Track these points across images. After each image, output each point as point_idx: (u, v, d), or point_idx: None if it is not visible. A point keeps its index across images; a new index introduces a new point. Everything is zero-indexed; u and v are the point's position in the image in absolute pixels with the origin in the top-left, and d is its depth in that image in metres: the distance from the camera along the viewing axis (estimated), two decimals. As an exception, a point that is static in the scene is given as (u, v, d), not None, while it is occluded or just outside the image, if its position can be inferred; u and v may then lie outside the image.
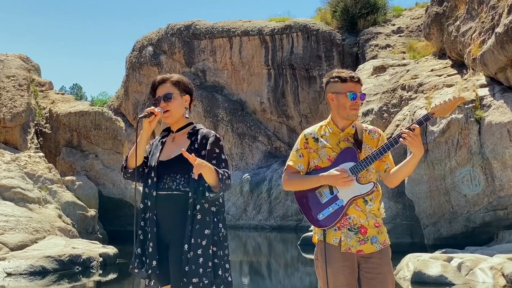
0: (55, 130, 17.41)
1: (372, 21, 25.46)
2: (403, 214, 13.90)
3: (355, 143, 3.42)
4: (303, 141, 3.49)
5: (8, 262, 9.94)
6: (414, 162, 3.38)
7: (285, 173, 3.51)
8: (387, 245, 3.42)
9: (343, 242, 3.34)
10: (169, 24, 30.41)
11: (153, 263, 3.26)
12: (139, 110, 30.59)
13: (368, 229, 3.36)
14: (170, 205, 3.25)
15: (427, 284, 8.87)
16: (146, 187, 3.36)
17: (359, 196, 3.35)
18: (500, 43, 11.43)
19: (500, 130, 11.22)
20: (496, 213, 11.49)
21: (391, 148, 3.35)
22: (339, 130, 3.46)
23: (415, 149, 3.31)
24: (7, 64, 17.55)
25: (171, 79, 3.39)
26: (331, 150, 3.42)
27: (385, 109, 15.64)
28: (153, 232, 3.28)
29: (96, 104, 39.82)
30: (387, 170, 3.48)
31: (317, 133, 3.48)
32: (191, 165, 3.13)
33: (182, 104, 3.39)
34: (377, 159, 3.36)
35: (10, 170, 13.59)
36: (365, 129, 3.50)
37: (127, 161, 3.38)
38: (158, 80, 3.40)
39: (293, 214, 23.67)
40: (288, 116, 26.91)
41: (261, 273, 12.60)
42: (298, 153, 3.49)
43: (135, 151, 3.33)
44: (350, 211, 3.36)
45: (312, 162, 3.46)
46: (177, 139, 3.40)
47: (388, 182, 3.51)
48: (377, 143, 3.46)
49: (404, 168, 3.42)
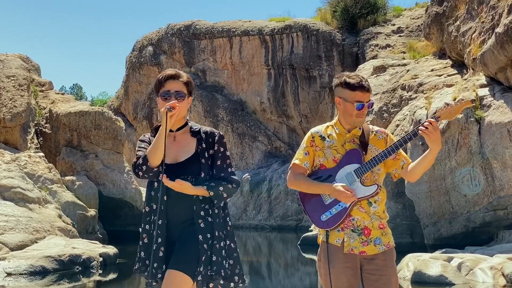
0: (55, 130, 17.41)
1: (372, 21, 25.45)
2: (403, 214, 13.91)
3: (360, 145, 3.40)
4: (310, 139, 3.47)
5: (8, 262, 9.94)
6: (432, 157, 3.36)
7: (291, 171, 3.49)
8: (391, 247, 3.40)
9: (346, 243, 3.32)
10: (169, 24, 30.42)
11: (163, 267, 3.20)
12: (139, 110, 30.62)
13: (372, 230, 3.35)
14: (182, 208, 3.22)
15: (427, 284, 8.87)
16: (153, 191, 3.30)
17: (362, 198, 3.33)
18: (500, 43, 11.43)
19: (500, 130, 11.22)
20: (496, 213, 11.49)
21: (400, 148, 3.32)
22: (345, 131, 3.44)
23: (433, 143, 3.28)
24: (7, 64, 17.55)
25: (182, 78, 3.34)
26: (336, 151, 3.41)
27: (385, 109, 15.65)
28: (164, 236, 3.23)
29: (96, 104, 39.83)
30: (404, 166, 3.45)
31: (324, 132, 3.47)
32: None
33: (187, 106, 3.36)
34: (382, 161, 3.34)
35: (10, 170, 13.59)
36: (372, 130, 3.48)
37: (148, 160, 3.19)
38: (171, 74, 3.33)
39: (293, 214, 23.66)
40: (288, 116, 26.91)
41: (261, 273, 12.60)
42: (304, 151, 3.47)
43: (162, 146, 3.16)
44: (354, 213, 3.34)
45: (318, 160, 3.44)
46: (179, 138, 3.34)
47: (407, 177, 3.49)
48: (385, 144, 3.44)
49: (422, 164, 3.40)
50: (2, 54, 18.29)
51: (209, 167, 3.29)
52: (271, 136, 27.26)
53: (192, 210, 3.24)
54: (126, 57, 32.26)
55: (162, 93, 3.29)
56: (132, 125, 30.72)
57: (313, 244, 3.63)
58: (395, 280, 3.37)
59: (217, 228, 3.25)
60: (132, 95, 31.18)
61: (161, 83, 3.32)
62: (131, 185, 17.36)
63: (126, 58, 32.10)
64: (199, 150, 3.29)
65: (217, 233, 3.24)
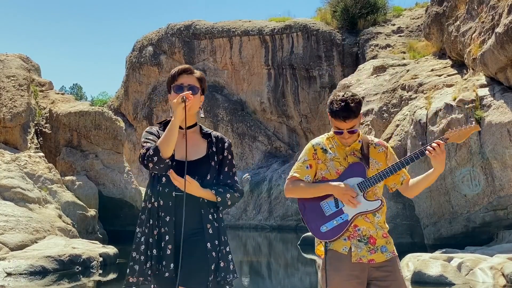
0: (55, 130, 17.41)
1: (372, 21, 25.46)
2: (403, 214, 13.90)
3: (363, 158, 3.38)
4: (312, 151, 3.42)
5: (8, 262, 9.94)
6: (434, 177, 3.39)
7: (289, 181, 3.44)
8: (396, 255, 3.39)
9: (353, 253, 3.29)
10: (169, 24, 30.44)
11: (170, 266, 3.10)
12: (139, 110, 30.62)
13: (377, 239, 3.34)
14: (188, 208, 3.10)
15: (427, 284, 8.87)
16: (160, 186, 3.17)
17: (365, 213, 3.32)
18: (500, 43, 11.43)
19: (500, 130, 11.22)
20: (496, 213, 11.49)
21: (406, 165, 3.32)
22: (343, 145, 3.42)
23: (438, 164, 3.32)
24: (7, 64, 17.55)
25: (196, 74, 3.28)
26: (339, 164, 3.37)
27: (385, 109, 15.65)
28: (171, 233, 3.13)
29: (96, 104, 39.85)
30: (403, 182, 3.46)
31: (325, 144, 3.43)
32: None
33: (199, 102, 3.26)
34: (386, 177, 3.33)
35: (10, 170, 13.59)
36: (371, 142, 3.45)
37: (159, 151, 3.04)
38: (185, 68, 3.26)
39: (293, 214, 23.67)
40: (288, 116, 26.91)
41: (261, 273, 12.60)
42: (305, 164, 3.41)
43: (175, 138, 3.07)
44: (360, 223, 3.32)
45: (320, 173, 3.40)
46: (190, 137, 3.22)
47: (406, 194, 3.52)
48: (385, 157, 3.43)
49: (423, 182, 3.43)
50: (2, 54, 18.30)
51: (217, 171, 3.24)
52: (271, 136, 27.26)
53: (200, 214, 3.17)
54: (126, 57, 32.29)
55: (175, 87, 3.20)
56: (132, 125, 30.73)
57: (313, 244, 3.61)
58: (405, 286, 3.37)
59: (223, 233, 3.22)
60: (132, 95, 31.18)
61: (174, 77, 3.24)
62: (131, 185, 17.37)
63: (126, 58, 32.11)
64: (210, 152, 3.23)
65: (222, 238, 3.21)
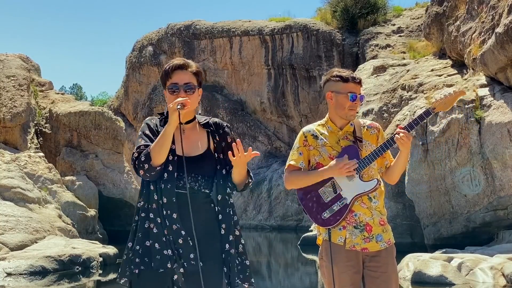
0: (55, 130, 17.41)
1: (372, 21, 25.45)
2: (403, 214, 13.89)
3: (355, 141, 3.42)
4: (302, 138, 3.47)
5: (8, 262, 9.94)
6: (404, 157, 3.43)
7: (286, 172, 3.48)
8: (391, 244, 3.42)
9: (347, 240, 3.33)
10: (169, 24, 30.41)
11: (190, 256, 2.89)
12: (139, 110, 30.61)
13: (373, 227, 3.36)
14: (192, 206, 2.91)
15: (427, 284, 8.87)
16: (163, 182, 2.95)
17: (363, 194, 3.35)
18: (500, 43, 11.43)
19: (500, 130, 11.22)
20: (496, 213, 11.49)
21: (394, 144, 3.35)
22: (337, 129, 3.45)
23: (404, 147, 3.36)
24: (7, 64, 17.56)
25: (191, 68, 3.05)
26: (331, 149, 3.41)
27: (385, 109, 15.65)
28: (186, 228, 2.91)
29: (96, 104, 39.82)
30: (387, 166, 3.51)
31: (316, 131, 3.46)
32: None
33: (197, 99, 3.07)
34: (379, 156, 3.37)
35: (10, 170, 13.59)
36: (363, 125, 3.50)
37: (151, 159, 2.87)
38: (179, 63, 3.03)
39: (293, 214, 23.66)
40: (288, 116, 26.91)
41: (261, 273, 12.59)
42: (297, 151, 3.46)
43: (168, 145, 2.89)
44: (356, 208, 3.35)
45: (313, 159, 3.44)
46: (189, 132, 3.06)
47: (388, 179, 3.54)
48: (377, 139, 3.47)
49: (398, 166, 3.47)
50: (2, 54, 18.30)
51: (225, 162, 3.05)
52: (271, 136, 27.26)
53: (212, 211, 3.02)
54: (126, 57, 32.27)
55: (170, 86, 3.00)
56: (132, 125, 30.72)
57: (313, 244, 3.62)
58: (395, 278, 3.40)
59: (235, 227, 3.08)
60: (132, 95, 31.17)
61: (168, 74, 3.02)
62: (131, 185, 17.37)
63: (126, 58, 32.09)
64: (215, 143, 3.07)
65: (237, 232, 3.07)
